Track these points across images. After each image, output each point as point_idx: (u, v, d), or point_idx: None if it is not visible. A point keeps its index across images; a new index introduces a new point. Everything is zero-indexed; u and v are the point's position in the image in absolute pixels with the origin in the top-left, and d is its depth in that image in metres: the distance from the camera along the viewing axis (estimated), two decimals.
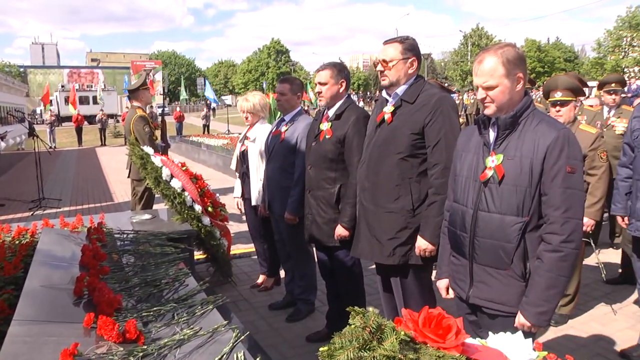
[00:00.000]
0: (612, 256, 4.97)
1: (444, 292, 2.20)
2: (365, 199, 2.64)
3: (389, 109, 2.55)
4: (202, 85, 34.95)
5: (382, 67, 2.54)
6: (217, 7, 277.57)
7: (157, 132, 5.38)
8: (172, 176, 4.05)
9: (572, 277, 2.20)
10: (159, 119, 6.25)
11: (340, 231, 2.94)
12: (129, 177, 5.15)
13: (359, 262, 3.23)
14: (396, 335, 1.17)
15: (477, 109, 16.10)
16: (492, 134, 1.94)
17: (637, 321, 3.63)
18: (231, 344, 1.56)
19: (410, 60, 2.52)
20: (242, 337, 1.62)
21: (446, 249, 2.16)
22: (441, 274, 2.19)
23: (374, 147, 2.59)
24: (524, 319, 1.83)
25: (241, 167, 4.33)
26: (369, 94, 59.22)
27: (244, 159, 4.27)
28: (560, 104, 3.50)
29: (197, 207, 4.01)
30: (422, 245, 2.46)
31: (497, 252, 1.87)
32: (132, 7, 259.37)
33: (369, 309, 1.26)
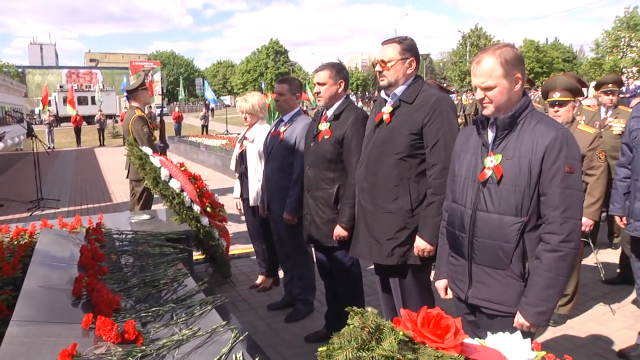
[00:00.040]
0: (611, 256, 4.97)
1: (443, 292, 2.20)
2: (363, 199, 2.64)
3: (387, 109, 2.55)
4: (201, 85, 34.89)
5: (380, 67, 2.54)
6: (216, 7, 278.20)
7: (156, 133, 5.37)
8: (170, 176, 4.05)
9: (570, 277, 2.20)
10: (158, 119, 6.24)
11: (339, 231, 2.94)
12: (127, 177, 5.15)
13: (358, 262, 3.23)
14: (395, 335, 1.17)
15: (476, 110, 16.10)
16: (490, 134, 1.94)
17: (636, 321, 3.64)
18: (230, 345, 1.56)
19: (408, 60, 2.52)
20: (241, 338, 1.63)
21: (445, 249, 2.16)
22: (440, 274, 2.19)
23: (373, 147, 2.59)
24: (523, 319, 1.83)
25: (240, 168, 4.33)
26: (367, 94, 59.18)
27: (242, 160, 4.27)
28: (558, 104, 3.51)
29: (196, 208, 4.02)
30: (420, 245, 2.46)
31: (496, 252, 1.87)
32: (130, 7, 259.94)
33: (367, 309, 1.26)
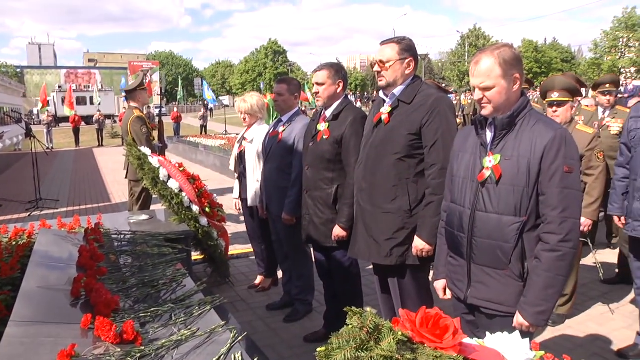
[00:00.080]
0: (609, 256, 4.98)
1: (442, 292, 2.20)
2: (362, 199, 2.64)
3: (386, 109, 2.55)
4: (200, 85, 34.84)
5: (379, 67, 2.54)
6: (214, 7, 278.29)
7: (155, 133, 5.38)
8: (169, 177, 4.05)
9: (569, 277, 2.20)
10: (157, 119, 6.24)
11: (337, 232, 2.94)
12: (126, 177, 5.14)
13: (357, 262, 3.23)
14: (393, 335, 1.17)
15: (474, 110, 16.11)
16: (489, 135, 1.94)
17: (634, 321, 3.64)
18: (229, 345, 1.56)
19: (407, 60, 2.52)
20: (240, 338, 1.62)
21: (443, 249, 2.16)
22: (438, 274, 2.19)
23: (371, 147, 2.59)
24: (522, 319, 1.83)
25: (239, 168, 4.33)
26: (366, 94, 59.22)
27: (241, 160, 4.27)
28: (557, 104, 3.52)
29: (195, 208, 4.02)
30: (419, 245, 2.46)
31: (495, 252, 1.87)
32: (129, 7, 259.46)
33: (366, 310, 1.26)
